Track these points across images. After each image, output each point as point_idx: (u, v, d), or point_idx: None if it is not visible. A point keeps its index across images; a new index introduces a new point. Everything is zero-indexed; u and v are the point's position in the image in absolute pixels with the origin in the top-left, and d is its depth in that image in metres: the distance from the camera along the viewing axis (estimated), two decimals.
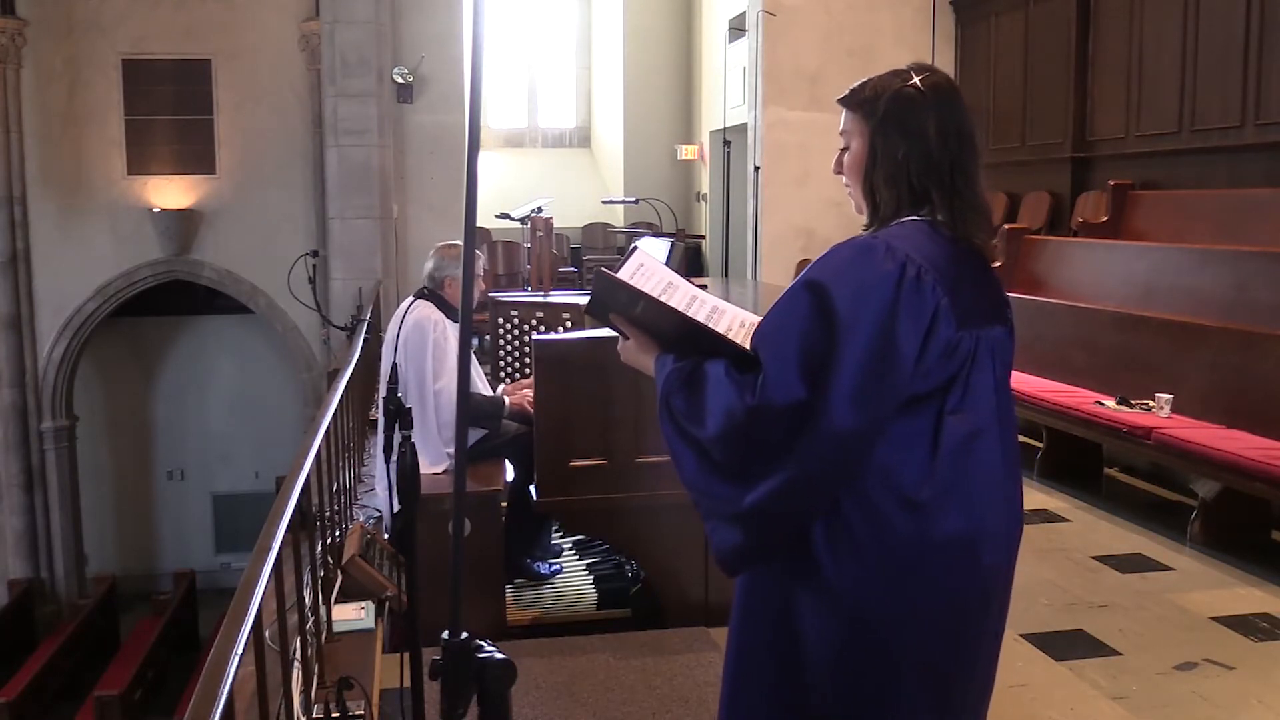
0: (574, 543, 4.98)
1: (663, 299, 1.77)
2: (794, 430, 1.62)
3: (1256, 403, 4.92)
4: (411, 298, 4.46)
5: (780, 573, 1.72)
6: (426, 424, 4.18)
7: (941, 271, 1.66)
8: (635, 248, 1.88)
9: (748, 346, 1.74)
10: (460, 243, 4.82)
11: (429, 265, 4.48)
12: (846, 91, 1.81)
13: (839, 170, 1.83)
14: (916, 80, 1.74)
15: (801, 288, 1.67)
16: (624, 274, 1.79)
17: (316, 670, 2.84)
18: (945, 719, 1.74)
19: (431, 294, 4.42)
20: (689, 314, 1.76)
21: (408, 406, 2.24)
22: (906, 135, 1.72)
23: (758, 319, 1.81)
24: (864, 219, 1.81)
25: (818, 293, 1.64)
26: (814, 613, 1.69)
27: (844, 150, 1.82)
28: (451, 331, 4.31)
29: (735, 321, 1.80)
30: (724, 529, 1.72)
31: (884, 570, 1.65)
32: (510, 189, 12.32)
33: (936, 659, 1.69)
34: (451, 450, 4.25)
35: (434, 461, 4.17)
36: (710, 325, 1.76)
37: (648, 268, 1.82)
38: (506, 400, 4.47)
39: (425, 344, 4.24)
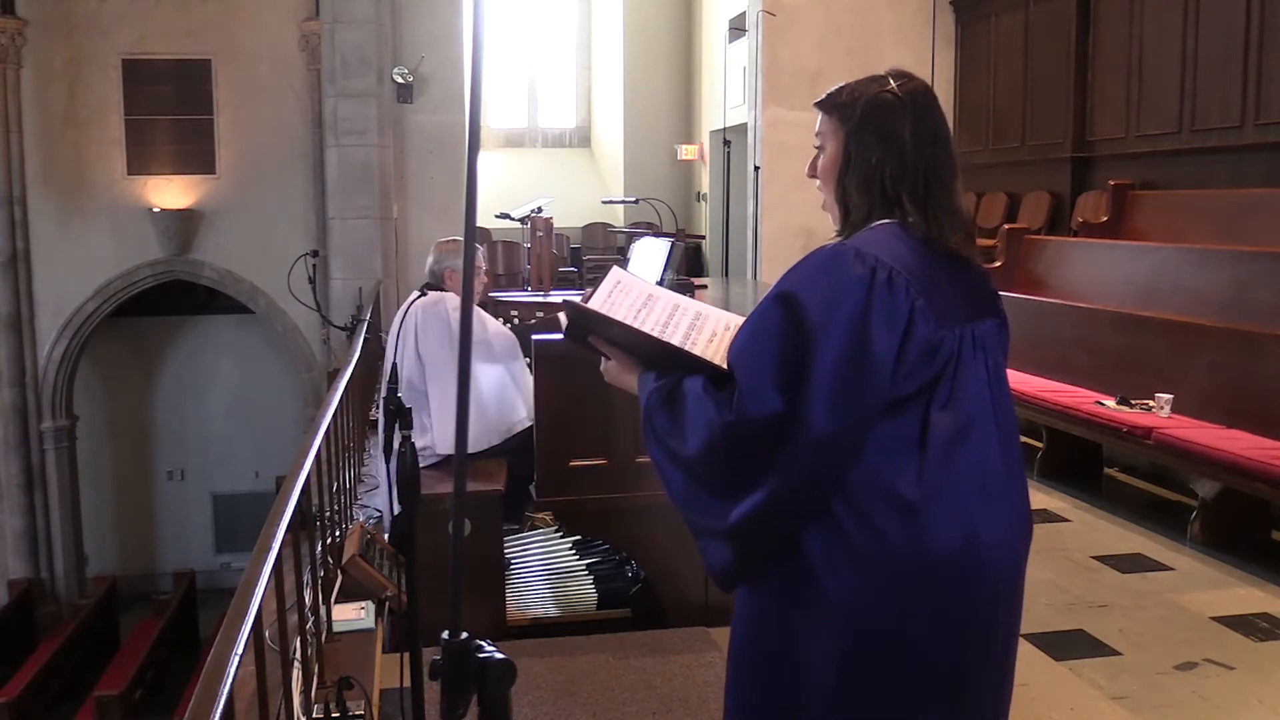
0: (574, 543, 4.98)
1: (642, 313, 1.77)
2: (775, 443, 1.61)
3: (1256, 403, 4.92)
4: (414, 294, 4.47)
5: (777, 589, 1.70)
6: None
7: (914, 273, 1.65)
8: (613, 267, 1.89)
9: None
10: (459, 237, 4.85)
11: (429, 260, 4.54)
12: (823, 96, 1.80)
13: (813, 174, 1.83)
14: (894, 85, 1.74)
15: (772, 300, 1.66)
16: (602, 291, 1.80)
17: (316, 670, 2.84)
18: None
19: (434, 289, 4.43)
20: (670, 324, 1.77)
21: (408, 406, 2.24)
22: (882, 140, 1.72)
23: (743, 321, 1.81)
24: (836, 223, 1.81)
25: (788, 303, 1.64)
26: (814, 628, 1.66)
27: (819, 154, 1.82)
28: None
29: (720, 325, 1.79)
30: (714, 546, 1.71)
31: (883, 578, 1.62)
32: (510, 189, 12.32)
33: (942, 667, 1.66)
34: (497, 432, 4.29)
35: (474, 443, 4.22)
36: (690, 338, 1.76)
37: (625, 284, 1.83)
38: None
39: (446, 324, 4.26)
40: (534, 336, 4.61)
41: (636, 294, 1.81)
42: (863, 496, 1.62)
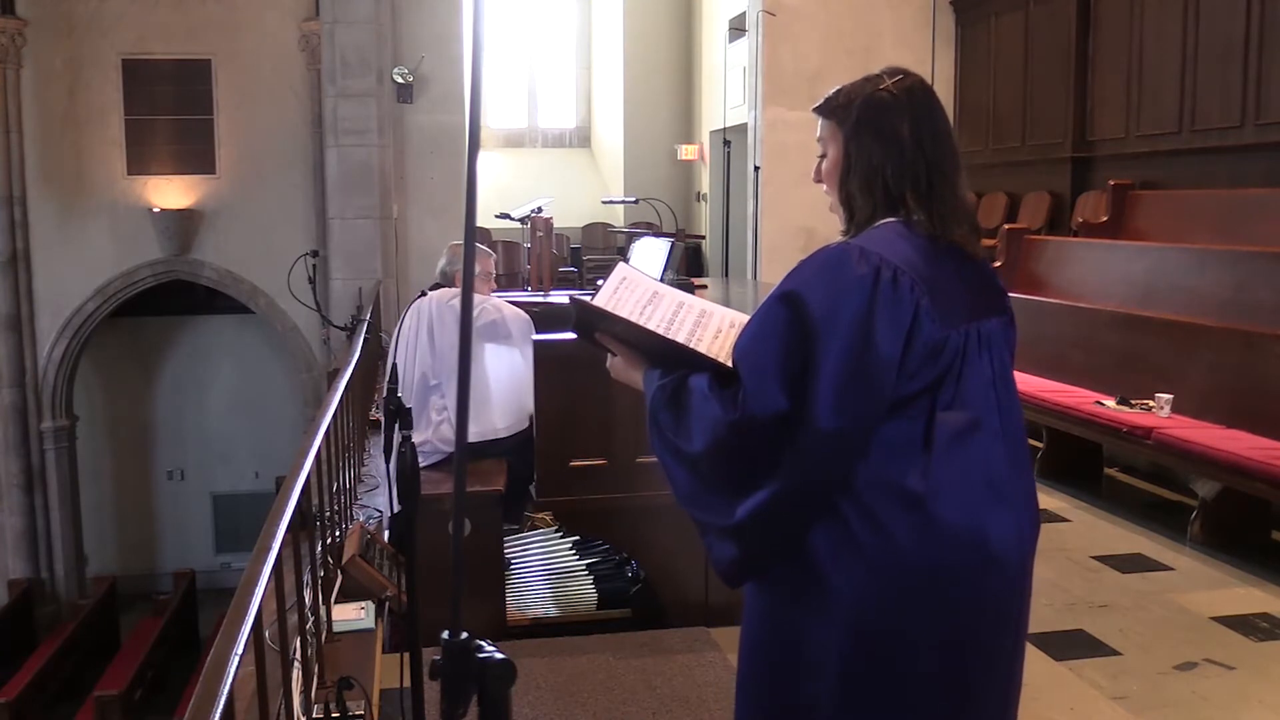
0: (574, 543, 4.97)
1: (647, 310, 1.78)
2: (779, 441, 1.61)
3: (1256, 403, 4.92)
4: (421, 294, 4.50)
5: (785, 587, 1.70)
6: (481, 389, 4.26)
7: (919, 271, 1.65)
8: (619, 263, 1.90)
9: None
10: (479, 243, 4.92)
11: (441, 262, 4.59)
12: (820, 100, 1.81)
13: (818, 179, 1.83)
14: (889, 84, 1.74)
15: (776, 300, 1.66)
16: (608, 288, 1.81)
17: (316, 670, 2.84)
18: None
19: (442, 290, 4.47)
20: (675, 321, 1.78)
21: (408, 406, 2.24)
22: (880, 139, 1.72)
23: (747, 318, 1.81)
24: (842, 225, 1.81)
25: (792, 303, 1.64)
26: (820, 626, 1.66)
27: (822, 158, 1.82)
28: (487, 303, 4.42)
29: (725, 322, 1.80)
30: (720, 543, 1.72)
31: (889, 576, 1.62)
32: (510, 189, 12.32)
33: (947, 666, 1.65)
34: (513, 420, 4.32)
35: (484, 431, 4.26)
36: (695, 335, 1.77)
37: (631, 280, 1.84)
38: None
39: None
40: (534, 337, 4.63)
41: (642, 291, 1.82)
42: (869, 495, 1.62)
